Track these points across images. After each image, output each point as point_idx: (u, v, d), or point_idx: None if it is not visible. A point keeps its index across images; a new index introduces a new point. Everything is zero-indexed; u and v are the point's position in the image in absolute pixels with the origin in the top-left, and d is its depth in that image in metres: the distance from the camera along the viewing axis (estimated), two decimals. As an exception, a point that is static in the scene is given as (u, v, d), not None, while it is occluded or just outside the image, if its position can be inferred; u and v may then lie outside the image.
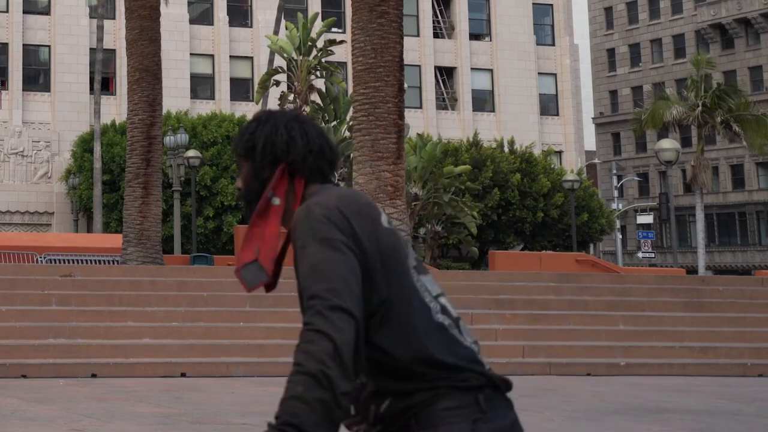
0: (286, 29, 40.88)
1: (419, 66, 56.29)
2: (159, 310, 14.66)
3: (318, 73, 40.14)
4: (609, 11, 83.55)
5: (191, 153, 37.27)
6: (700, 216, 43.23)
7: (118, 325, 14.42)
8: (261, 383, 11.65)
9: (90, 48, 49.61)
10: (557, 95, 59.25)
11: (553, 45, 59.71)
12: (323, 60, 40.18)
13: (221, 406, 9.28)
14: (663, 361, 14.57)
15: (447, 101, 57.66)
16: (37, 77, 51.96)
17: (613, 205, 59.51)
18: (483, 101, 57.98)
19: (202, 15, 54.47)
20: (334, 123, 40.47)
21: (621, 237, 62.50)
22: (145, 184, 21.56)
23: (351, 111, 23.82)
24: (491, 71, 58.13)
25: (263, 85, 38.86)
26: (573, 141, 58.53)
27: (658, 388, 12.32)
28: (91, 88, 45.39)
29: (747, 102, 45.00)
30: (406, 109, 20.91)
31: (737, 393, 12.07)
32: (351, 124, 28.06)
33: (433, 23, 57.80)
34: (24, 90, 50.86)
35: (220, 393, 10.47)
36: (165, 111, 30.50)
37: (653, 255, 59.87)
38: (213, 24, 53.98)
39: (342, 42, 39.00)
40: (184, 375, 12.89)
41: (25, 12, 51.53)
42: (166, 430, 7.44)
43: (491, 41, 58.52)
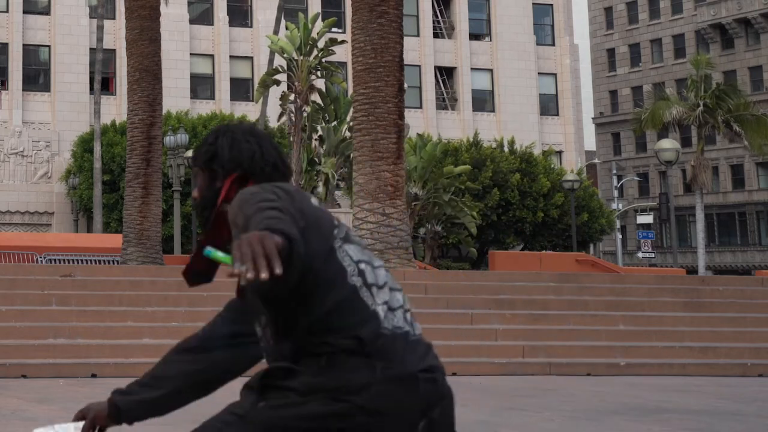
0: (286, 29, 40.86)
1: (419, 66, 56.29)
2: (159, 310, 14.66)
3: (318, 73, 40.13)
4: (609, 11, 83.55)
5: (191, 153, 37.26)
6: (700, 216, 43.22)
7: (118, 325, 14.42)
8: (261, 383, 11.64)
9: (90, 48, 49.62)
10: (557, 95, 59.25)
11: (553, 45, 59.71)
12: (323, 60, 40.18)
13: (220, 406, 9.28)
14: (663, 361, 14.57)
15: (447, 101, 57.66)
16: (37, 77, 51.97)
17: (613, 205, 59.50)
18: (483, 101, 57.98)
19: (202, 15, 54.47)
20: (334, 123, 40.47)
21: (621, 237, 62.48)
22: (145, 184, 21.57)
23: (351, 111, 23.83)
24: (491, 71, 58.13)
25: (263, 85, 38.87)
26: (573, 141, 58.54)
27: (658, 388, 12.32)
28: (91, 88, 45.39)
29: (747, 102, 44.99)
30: (406, 109, 20.91)
31: (737, 393, 12.07)
32: (351, 124, 28.06)
33: (433, 23, 57.80)
34: (24, 90, 50.87)
35: (219, 393, 10.46)
36: (165, 111, 30.50)
37: (653, 255, 59.85)
38: (213, 24, 53.97)
39: (343, 42, 39.00)
40: (184, 375, 12.89)
41: (25, 12, 51.53)
42: (166, 430, 7.44)
43: (491, 41, 58.52)
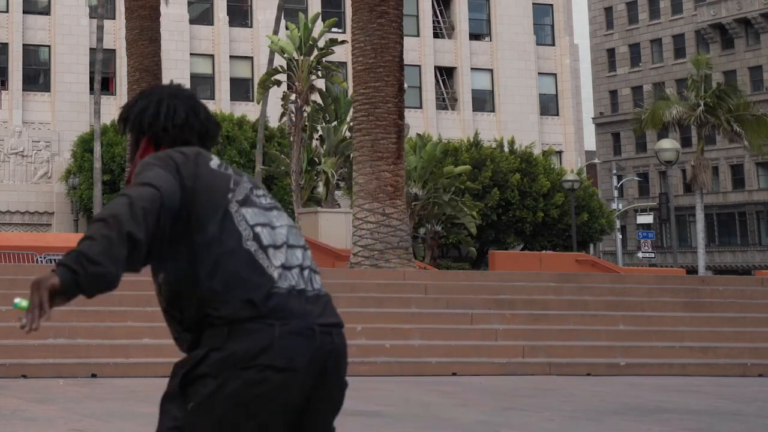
0: (286, 29, 40.85)
1: (419, 66, 56.28)
2: (159, 309, 14.63)
3: (319, 73, 40.12)
4: (609, 11, 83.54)
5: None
6: (700, 216, 43.23)
7: (118, 325, 14.42)
8: (261, 383, 11.63)
9: (90, 48, 49.60)
10: (557, 95, 59.24)
11: (553, 45, 59.70)
12: (324, 60, 40.16)
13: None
14: (663, 361, 14.56)
15: (447, 101, 57.65)
16: (37, 77, 51.96)
17: (613, 205, 59.49)
18: (483, 101, 57.97)
19: (202, 15, 54.46)
20: (334, 123, 40.46)
21: (621, 237, 62.48)
22: (145, 184, 21.54)
23: (351, 111, 23.82)
24: (491, 71, 58.12)
25: (263, 85, 38.85)
26: (573, 141, 58.53)
27: (658, 388, 12.32)
28: (91, 88, 45.37)
29: (747, 102, 45.00)
30: (406, 109, 20.91)
31: (737, 393, 12.07)
32: (351, 124, 28.05)
33: (433, 23, 57.79)
34: (24, 90, 50.86)
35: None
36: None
37: (653, 255, 59.85)
38: (213, 24, 53.97)
39: (343, 42, 38.99)
40: (184, 375, 12.86)
41: (25, 12, 51.53)
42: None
43: (491, 41, 58.51)
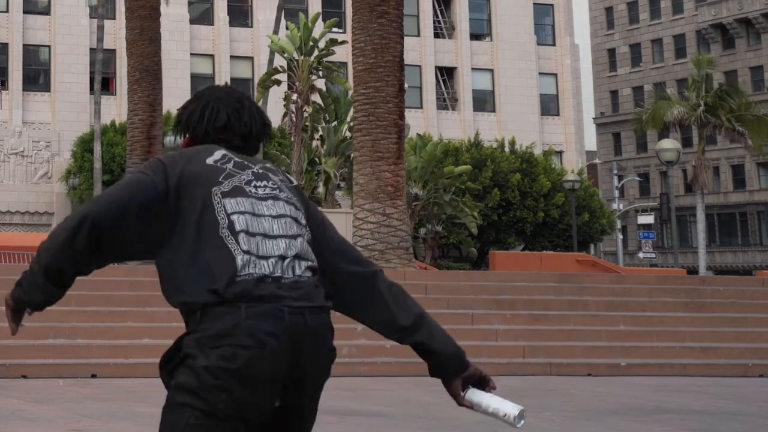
0: (287, 29, 40.84)
1: (420, 66, 56.27)
2: (159, 310, 14.63)
3: (319, 73, 40.11)
4: (610, 11, 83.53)
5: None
6: (700, 216, 43.20)
7: (118, 325, 14.40)
8: (261, 383, 11.61)
9: (90, 48, 49.59)
10: (558, 95, 59.22)
11: (554, 45, 59.68)
12: (324, 60, 40.16)
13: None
14: (664, 362, 14.55)
15: (447, 101, 57.63)
16: (37, 77, 51.95)
17: (614, 206, 59.47)
18: (483, 101, 57.95)
19: (202, 15, 54.45)
20: (334, 123, 40.46)
21: (622, 237, 62.45)
22: (146, 184, 21.53)
23: (351, 111, 23.81)
24: (492, 71, 58.10)
25: (263, 85, 38.84)
26: (573, 141, 58.51)
27: (658, 388, 12.30)
28: (91, 88, 45.37)
29: (748, 102, 44.98)
30: (406, 109, 20.90)
31: (738, 393, 12.05)
32: (351, 124, 28.05)
33: (434, 23, 57.78)
34: (24, 90, 50.86)
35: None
36: (165, 111, 30.46)
37: (654, 255, 59.84)
38: (213, 24, 53.96)
39: (344, 42, 38.99)
40: (184, 375, 12.84)
41: (25, 12, 51.52)
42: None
43: (492, 41, 58.50)
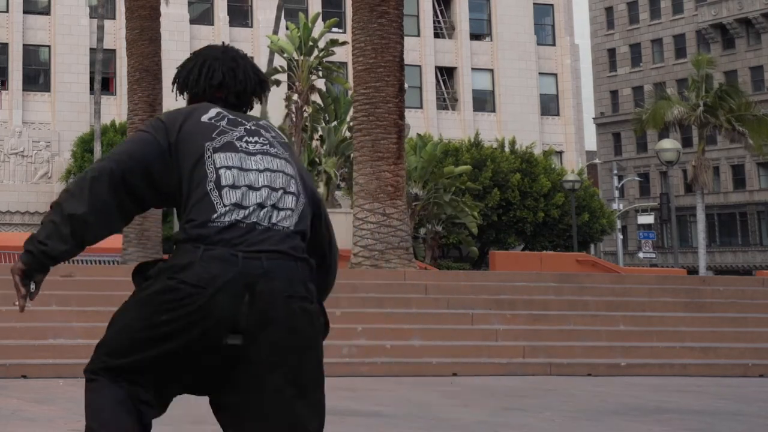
0: (286, 29, 40.84)
1: (420, 66, 56.27)
2: (159, 310, 14.61)
3: (319, 74, 40.11)
4: (610, 11, 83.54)
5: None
6: (700, 216, 43.21)
7: (118, 326, 14.36)
8: (261, 383, 11.60)
9: (90, 48, 49.60)
10: (558, 95, 59.23)
11: (554, 45, 59.69)
12: (324, 60, 40.16)
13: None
14: (664, 362, 14.54)
15: (447, 101, 57.64)
16: (37, 77, 51.96)
17: (614, 206, 59.49)
18: (483, 101, 57.96)
19: (202, 15, 54.46)
20: (334, 123, 40.47)
21: (622, 237, 62.46)
22: (146, 184, 21.49)
23: (351, 111, 23.81)
24: (492, 71, 58.11)
25: (264, 85, 38.81)
26: (574, 141, 58.51)
27: (658, 388, 12.31)
28: (91, 88, 45.37)
29: (748, 102, 44.99)
30: (406, 109, 20.90)
31: (738, 393, 12.05)
32: (351, 124, 28.05)
33: (434, 23, 57.78)
34: (24, 90, 50.86)
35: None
36: (165, 111, 30.51)
37: (654, 255, 59.85)
38: (213, 24, 53.96)
39: (344, 43, 39.00)
40: (184, 375, 12.84)
41: (25, 12, 51.53)
42: (166, 430, 7.44)
43: (492, 41, 58.50)
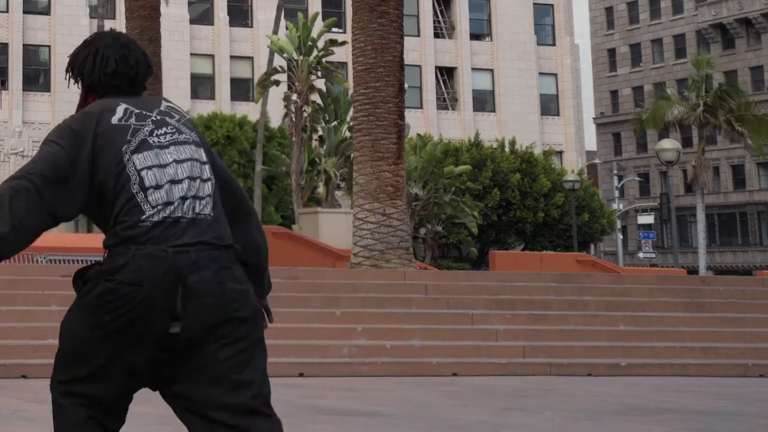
0: (286, 29, 40.85)
1: (420, 66, 56.28)
2: (159, 310, 14.62)
3: (318, 73, 40.11)
4: (610, 11, 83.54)
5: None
6: (700, 216, 43.21)
7: (118, 326, 14.35)
8: (261, 383, 11.60)
9: (90, 48, 49.60)
10: (558, 95, 59.24)
11: (554, 45, 59.70)
12: (324, 60, 40.15)
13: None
14: (664, 362, 14.54)
15: (447, 101, 57.64)
16: (37, 77, 51.97)
17: (614, 206, 59.51)
18: (483, 101, 57.97)
19: (202, 15, 54.46)
20: (334, 123, 40.46)
21: (622, 237, 62.48)
22: (146, 184, 21.50)
23: (351, 111, 23.81)
24: (492, 71, 58.12)
25: (263, 85, 38.84)
26: (574, 141, 58.53)
27: (658, 388, 12.30)
28: (92, 88, 45.39)
29: (748, 102, 44.98)
30: (406, 109, 20.89)
31: (738, 393, 12.05)
32: (351, 124, 28.04)
33: (434, 23, 57.78)
34: (24, 90, 50.88)
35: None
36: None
37: (654, 255, 59.87)
38: (213, 24, 53.97)
39: (344, 43, 39.00)
40: (184, 375, 12.85)
41: (25, 12, 51.55)
42: (166, 430, 7.43)
43: (492, 41, 58.51)
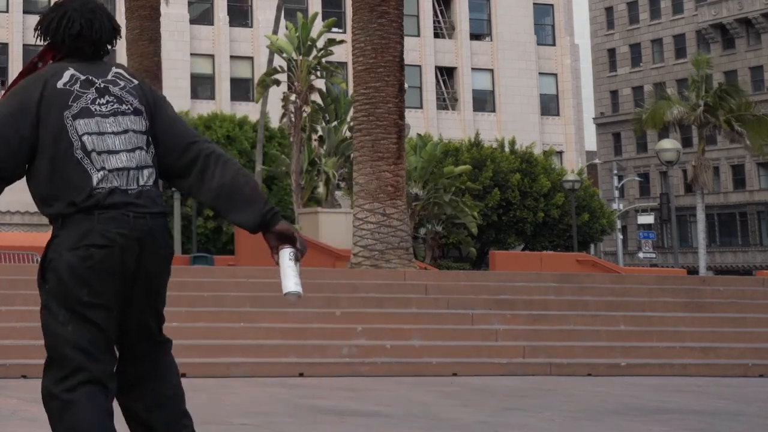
0: (286, 29, 40.85)
1: (420, 66, 56.29)
2: (159, 310, 14.62)
3: (318, 73, 40.10)
4: (610, 11, 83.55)
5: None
6: (700, 216, 43.20)
7: (118, 325, 14.35)
8: (261, 383, 11.63)
9: (90, 48, 49.61)
10: (558, 95, 59.24)
11: (554, 45, 59.70)
12: (323, 60, 40.14)
13: (221, 406, 9.26)
14: (664, 362, 14.54)
15: (447, 101, 57.64)
16: (38, 77, 51.99)
17: (614, 206, 59.51)
18: (483, 101, 57.97)
19: (202, 15, 54.46)
20: (334, 123, 40.46)
21: (622, 237, 62.48)
22: (145, 184, 21.49)
23: (351, 111, 23.82)
24: (492, 71, 58.12)
25: (262, 86, 38.84)
26: (574, 141, 58.53)
27: (658, 388, 12.30)
28: (92, 88, 45.37)
29: (748, 102, 44.97)
30: (406, 109, 20.89)
31: (738, 393, 12.05)
32: (351, 124, 28.05)
33: (434, 23, 57.78)
34: (24, 90, 50.88)
35: (220, 393, 10.45)
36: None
37: (654, 255, 59.87)
38: (213, 24, 53.97)
39: (342, 42, 39.01)
40: (184, 375, 12.83)
41: (25, 12, 51.54)
42: (165, 430, 7.41)
43: (492, 41, 58.51)
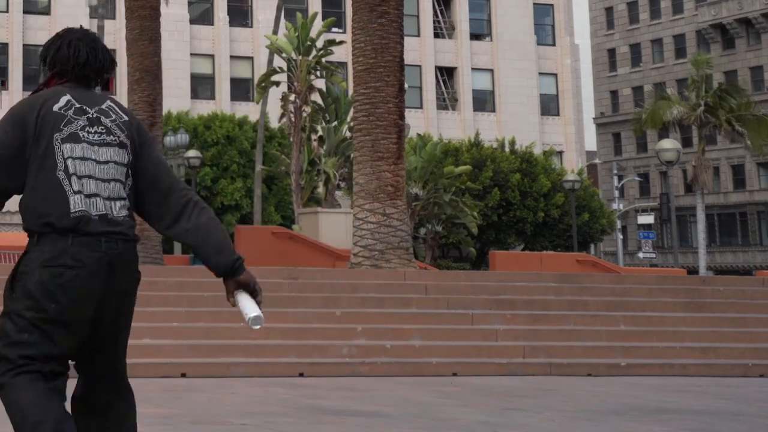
0: (286, 29, 40.85)
1: (420, 66, 56.28)
2: (159, 310, 14.61)
3: (318, 73, 40.09)
4: (610, 11, 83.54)
5: (192, 153, 37.21)
6: (700, 216, 43.19)
7: (118, 325, 14.34)
8: (261, 383, 11.62)
9: (90, 48, 49.61)
10: (558, 95, 59.24)
11: (554, 45, 59.70)
12: (323, 60, 40.14)
13: (221, 406, 9.26)
14: (664, 362, 14.54)
15: (447, 101, 57.63)
16: (37, 77, 51.93)
17: (614, 206, 59.50)
18: (483, 101, 57.97)
19: (202, 15, 54.46)
20: (334, 123, 40.45)
21: (622, 237, 62.47)
22: (145, 184, 21.49)
23: (351, 111, 23.82)
24: (492, 71, 58.12)
25: (262, 86, 38.83)
26: (574, 141, 58.53)
27: (658, 388, 12.30)
28: (92, 88, 45.38)
29: (749, 102, 44.95)
30: (406, 109, 20.89)
31: (738, 393, 12.05)
32: (351, 124, 28.04)
33: (434, 23, 57.78)
34: (24, 90, 50.86)
35: (220, 393, 10.44)
36: (165, 111, 30.49)
37: (654, 255, 59.86)
38: (213, 24, 53.97)
39: (342, 42, 39.00)
40: (184, 375, 12.84)
41: (25, 12, 51.56)
42: (166, 430, 7.43)
43: (492, 41, 58.50)
